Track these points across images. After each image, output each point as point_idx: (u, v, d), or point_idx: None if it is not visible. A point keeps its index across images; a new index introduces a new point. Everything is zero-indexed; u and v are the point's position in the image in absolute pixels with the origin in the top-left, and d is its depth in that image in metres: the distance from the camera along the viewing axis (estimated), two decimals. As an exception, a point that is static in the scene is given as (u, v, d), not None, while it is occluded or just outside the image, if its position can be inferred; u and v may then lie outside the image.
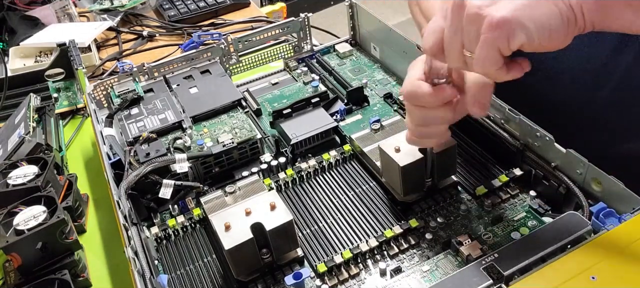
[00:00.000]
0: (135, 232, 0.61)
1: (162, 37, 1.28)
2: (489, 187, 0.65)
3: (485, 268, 0.51)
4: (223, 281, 0.60)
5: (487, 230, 0.61)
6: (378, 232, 0.62)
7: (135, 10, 1.36)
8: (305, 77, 0.91)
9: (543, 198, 0.64)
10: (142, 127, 0.78)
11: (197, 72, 0.89)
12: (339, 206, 0.67)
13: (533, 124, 0.63)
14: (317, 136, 0.76)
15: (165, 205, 0.70)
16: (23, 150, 0.81)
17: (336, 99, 0.84)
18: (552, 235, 0.53)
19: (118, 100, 0.82)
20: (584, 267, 0.47)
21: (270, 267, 0.60)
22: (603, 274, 0.46)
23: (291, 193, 0.70)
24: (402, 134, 0.64)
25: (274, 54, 0.97)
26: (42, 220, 0.65)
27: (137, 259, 0.56)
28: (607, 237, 0.50)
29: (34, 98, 0.94)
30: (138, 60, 1.16)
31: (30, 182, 0.72)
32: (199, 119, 0.79)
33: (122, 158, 0.71)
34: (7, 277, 0.66)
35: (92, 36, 1.19)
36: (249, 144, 0.74)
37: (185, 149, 0.74)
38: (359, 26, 0.98)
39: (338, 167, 0.73)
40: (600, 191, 0.57)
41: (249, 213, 0.58)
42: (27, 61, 1.20)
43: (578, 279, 0.46)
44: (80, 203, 0.79)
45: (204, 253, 0.64)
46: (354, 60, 0.96)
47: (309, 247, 0.62)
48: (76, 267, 0.67)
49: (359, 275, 0.59)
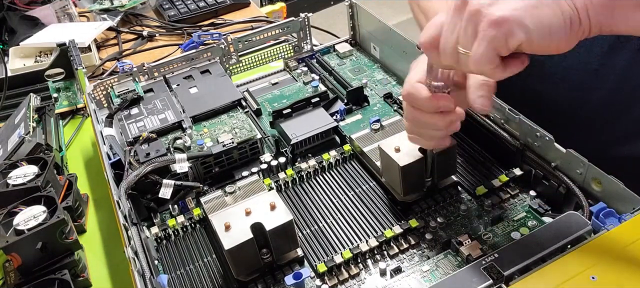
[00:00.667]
0: (135, 232, 0.61)
1: (162, 37, 1.28)
2: (489, 187, 0.65)
3: (485, 268, 0.51)
4: (223, 281, 0.60)
5: (487, 230, 0.61)
6: (378, 232, 0.62)
7: (135, 10, 1.36)
8: (305, 77, 0.91)
9: (543, 198, 0.64)
10: (142, 127, 0.78)
11: (197, 72, 0.89)
12: (339, 206, 0.67)
13: (533, 124, 0.63)
14: (317, 136, 0.76)
15: (165, 205, 0.70)
16: (23, 150, 0.81)
17: (336, 99, 0.84)
18: (552, 235, 0.53)
19: (118, 100, 0.82)
20: (584, 267, 0.47)
21: (270, 267, 0.60)
22: (603, 274, 0.46)
23: (291, 193, 0.70)
24: (402, 133, 0.64)
25: (274, 54, 0.97)
26: (42, 220, 0.65)
27: (137, 259, 0.56)
28: (607, 237, 0.50)
29: (34, 98, 0.94)
30: (138, 60, 1.16)
31: (30, 182, 0.72)
32: (199, 119, 0.79)
33: (122, 158, 0.71)
34: (7, 277, 0.66)
35: (92, 36, 1.19)
36: (249, 144, 0.74)
37: (185, 149, 0.74)
38: (359, 26, 0.98)
39: (338, 167, 0.73)
40: (600, 191, 0.57)
41: (249, 213, 0.58)
42: (27, 61, 1.20)
43: (578, 279, 0.46)
44: (80, 203, 0.79)
45: (204, 253, 0.64)
46: (354, 60, 0.96)
47: (309, 247, 0.62)
48: (76, 267, 0.67)
49: (359, 275, 0.59)
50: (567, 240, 0.52)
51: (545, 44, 0.43)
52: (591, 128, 0.71)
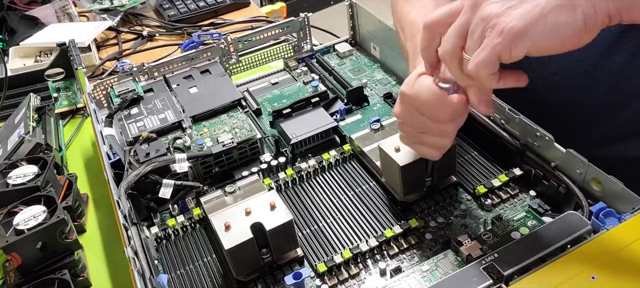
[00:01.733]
0: (135, 231, 0.61)
1: (162, 37, 1.28)
2: (489, 187, 0.65)
3: (485, 268, 0.51)
4: (223, 281, 0.60)
5: (487, 230, 0.60)
6: (378, 231, 0.62)
7: (135, 10, 1.36)
8: (305, 77, 0.91)
9: (543, 198, 0.64)
10: (142, 126, 0.77)
11: (197, 72, 0.89)
12: (338, 206, 0.67)
13: (533, 124, 0.63)
14: (317, 136, 0.76)
15: (165, 205, 0.70)
16: (23, 150, 0.81)
17: (336, 99, 0.84)
18: (552, 235, 0.53)
19: (118, 100, 0.82)
20: (584, 267, 0.47)
21: (270, 267, 0.60)
22: (603, 274, 0.46)
23: (291, 193, 0.70)
24: (402, 133, 0.64)
25: (273, 53, 0.97)
26: (42, 220, 0.65)
27: (137, 259, 0.56)
28: (607, 237, 0.50)
29: (34, 98, 0.94)
30: (138, 60, 1.16)
31: (30, 182, 0.72)
32: (198, 118, 0.79)
33: (122, 158, 0.71)
34: (7, 277, 0.66)
35: (92, 36, 1.19)
36: (249, 143, 0.74)
37: (185, 149, 0.74)
38: (359, 26, 0.98)
39: (338, 167, 0.73)
40: (600, 191, 0.57)
41: (249, 213, 0.58)
42: (27, 61, 1.20)
43: (578, 279, 0.46)
44: (80, 203, 0.79)
45: (203, 253, 0.64)
46: (353, 60, 0.96)
47: (308, 246, 0.62)
48: (76, 266, 0.67)
49: (358, 275, 0.59)
50: (567, 240, 0.52)
51: (554, 47, 0.42)
52: (586, 129, 0.71)
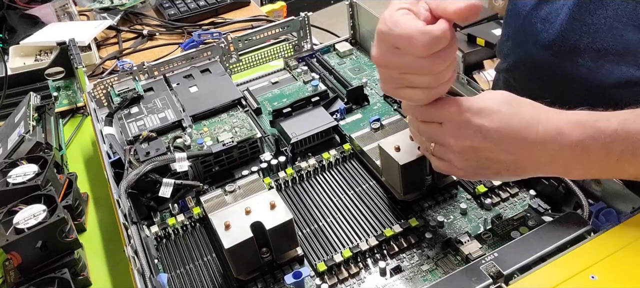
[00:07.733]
0: (135, 230, 0.61)
1: (162, 36, 1.28)
2: (489, 186, 0.65)
3: (485, 268, 0.51)
4: (223, 280, 0.60)
5: (487, 229, 0.61)
6: (378, 231, 0.62)
7: (135, 9, 1.36)
8: (305, 76, 0.91)
9: (543, 198, 0.64)
10: (142, 125, 0.77)
11: (197, 71, 0.89)
12: (338, 205, 0.67)
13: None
14: (317, 135, 0.76)
15: (165, 204, 0.70)
16: (23, 149, 0.81)
17: (336, 98, 0.84)
18: (551, 234, 0.53)
19: (118, 99, 0.82)
20: (583, 267, 0.47)
21: (270, 266, 0.60)
22: (603, 274, 0.47)
23: (291, 192, 0.70)
24: (402, 133, 0.64)
25: (274, 53, 0.97)
26: (42, 218, 0.65)
27: (137, 258, 0.56)
28: (607, 237, 0.50)
29: (34, 97, 0.94)
30: (138, 59, 1.16)
31: (30, 181, 0.72)
32: (199, 117, 0.79)
33: (122, 157, 0.71)
34: (7, 276, 0.66)
35: (92, 35, 1.19)
36: (249, 142, 0.74)
37: (185, 148, 0.74)
38: (359, 25, 0.98)
39: (338, 166, 0.73)
40: (600, 190, 0.57)
41: (249, 212, 0.58)
42: (27, 60, 1.20)
43: (578, 279, 0.47)
44: (80, 202, 0.79)
45: (203, 252, 0.64)
46: (354, 59, 0.96)
47: (308, 246, 0.62)
48: (76, 265, 0.67)
49: (358, 274, 0.59)
50: (567, 239, 0.52)
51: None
52: None
